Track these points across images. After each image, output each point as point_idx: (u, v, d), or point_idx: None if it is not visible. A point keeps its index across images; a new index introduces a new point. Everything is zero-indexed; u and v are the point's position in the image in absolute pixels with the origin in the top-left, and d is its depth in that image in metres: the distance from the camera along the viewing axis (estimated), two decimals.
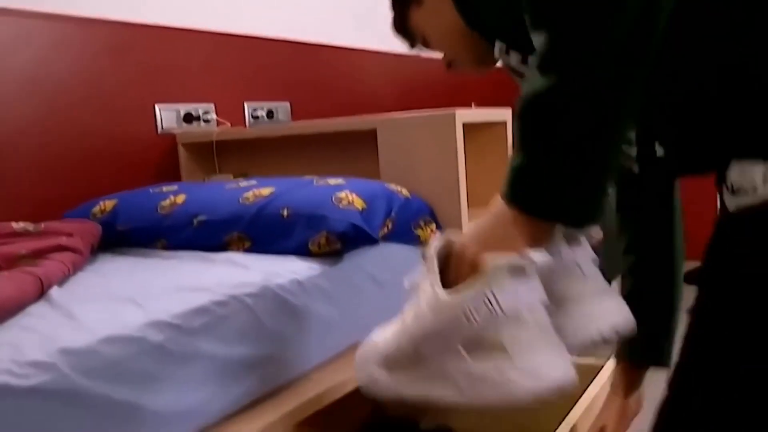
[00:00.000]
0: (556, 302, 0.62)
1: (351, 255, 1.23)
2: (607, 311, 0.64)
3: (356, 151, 1.69)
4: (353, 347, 1.23)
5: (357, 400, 1.20)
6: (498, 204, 0.61)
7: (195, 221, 1.31)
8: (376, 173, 1.55)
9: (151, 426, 0.85)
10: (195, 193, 1.41)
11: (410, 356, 0.64)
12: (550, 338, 0.57)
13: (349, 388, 1.14)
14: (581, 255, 0.65)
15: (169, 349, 0.88)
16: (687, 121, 0.57)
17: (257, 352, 1.01)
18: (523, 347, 0.55)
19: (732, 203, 0.51)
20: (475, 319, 0.57)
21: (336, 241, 1.17)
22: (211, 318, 0.95)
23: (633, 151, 0.62)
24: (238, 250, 1.26)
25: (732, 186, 0.51)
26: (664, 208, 0.82)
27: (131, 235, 1.38)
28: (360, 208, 1.21)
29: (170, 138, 1.92)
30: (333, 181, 1.35)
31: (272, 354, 1.04)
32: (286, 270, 1.11)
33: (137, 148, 1.84)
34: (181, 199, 1.38)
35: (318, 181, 1.36)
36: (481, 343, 0.57)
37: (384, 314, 0.84)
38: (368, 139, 1.59)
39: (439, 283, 0.63)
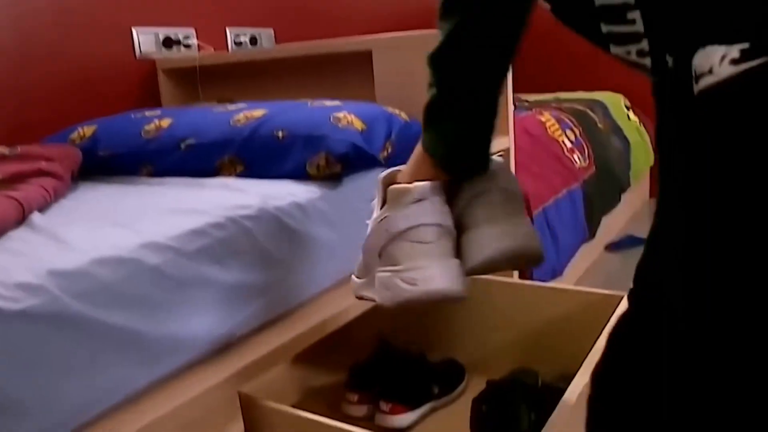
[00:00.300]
0: (466, 226, 0.70)
1: (350, 179, 1.17)
2: (501, 235, 0.69)
3: (348, 75, 1.60)
4: None
5: (359, 327, 1.17)
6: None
7: (183, 145, 1.23)
8: (370, 99, 1.48)
9: (150, 353, 0.80)
10: (181, 116, 1.32)
11: (363, 264, 0.78)
12: (435, 253, 0.67)
13: (352, 315, 1.10)
14: (491, 184, 0.71)
15: (166, 273, 0.82)
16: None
17: (257, 278, 0.96)
18: (408, 259, 0.67)
19: (695, 89, 0.50)
20: (382, 235, 0.71)
21: (336, 162, 1.11)
22: (209, 241, 0.89)
23: (648, 61, 0.57)
24: (230, 174, 1.19)
25: (695, 72, 0.49)
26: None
27: (114, 162, 1.30)
28: (360, 129, 1.15)
29: (149, 63, 1.81)
30: (329, 102, 1.28)
31: (273, 280, 0.99)
32: (284, 193, 1.05)
33: (114, 74, 1.73)
34: (166, 122, 1.30)
35: (313, 103, 1.28)
36: (386, 255, 0.70)
37: None
38: (362, 61, 1.51)
39: (378, 205, 0.76)
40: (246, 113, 1.24)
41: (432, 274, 0.66)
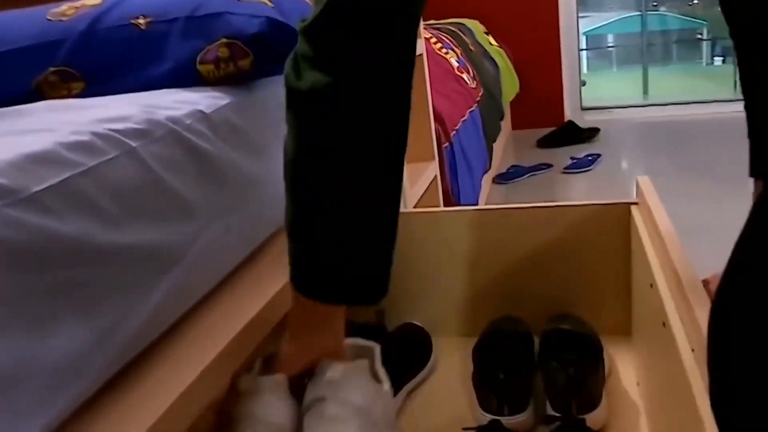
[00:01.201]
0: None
1: (261, 85, 0.78)
2: None
3: None
4: None
5: None
6: None
7: None
8: None
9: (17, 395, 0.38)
10: None
11: None
12: None
13: None
14: (333, 393, 0.63)
15: None
16: None
17: (164, 237, 0.55)
18: None
19: None
20: None
21: (244, 51, 0.71)
22: (69, 175, 0.47)
23: None
24: (61, 96, 0.75)
25: None
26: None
27: None
28: (270, 4, 0.76)
29: None
30: None
31: (188, 239, 0.58)
32: (175, 102, 0.64)
33: None
34: None
35: None
36: None
37: None
38: None
39: None
40: (71, 4, 0.79)
41: None
